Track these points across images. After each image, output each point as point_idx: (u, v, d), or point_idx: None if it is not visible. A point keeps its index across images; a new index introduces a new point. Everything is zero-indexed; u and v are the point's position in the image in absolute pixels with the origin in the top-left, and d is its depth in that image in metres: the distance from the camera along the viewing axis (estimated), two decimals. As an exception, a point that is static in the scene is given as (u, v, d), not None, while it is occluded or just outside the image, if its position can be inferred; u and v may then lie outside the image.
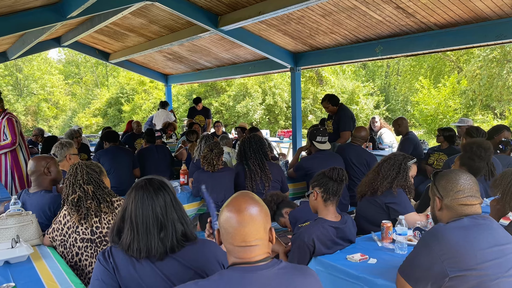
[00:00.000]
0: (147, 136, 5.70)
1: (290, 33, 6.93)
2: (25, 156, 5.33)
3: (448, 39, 5.47)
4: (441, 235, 1.74)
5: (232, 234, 1.34)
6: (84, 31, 8.07)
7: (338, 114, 5.69)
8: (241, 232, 1.33)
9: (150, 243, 1.60)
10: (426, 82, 16.96)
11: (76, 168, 2.44)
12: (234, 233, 1.34)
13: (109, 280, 1.57)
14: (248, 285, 1.29)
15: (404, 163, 2.98)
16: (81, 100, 33.00)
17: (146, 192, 1.65)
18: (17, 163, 5.26)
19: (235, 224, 1.34)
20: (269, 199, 3.27)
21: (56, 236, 2.41)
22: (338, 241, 2.45)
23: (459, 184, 1.87)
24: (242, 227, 1.33)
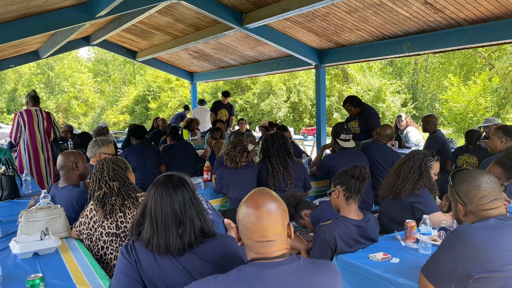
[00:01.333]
0: (171, 133, 5.77)
1: (315, 30, 6.89)
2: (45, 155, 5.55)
3: (478, 35, 5.31)
4: (466, 236, 1.71)
5: (251, 230, 1.35)
6: (112, 30, 8.25)
7: (363, 114, 5.62)
8: (259, 227, 1.34)
9: (168, 238, 1.63)
10: (456, 79, 16.50)
11: (102, 165, 2.50)
12: (253, 228, 1.35)
13: (131, 273, 1.60)
14: (266, 280, 1.30)
15: (424, 163, 2.89)
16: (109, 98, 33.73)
17: (165, 188, 1.68)
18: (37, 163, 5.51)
19: (254, 219, 1.35)
20: (286, 202, 3.23)
21: (83, 229, 2.48)
22: (360, 240, 2.43)
23: (481, 190, 1.81)
24: (260, 222, 1.35)
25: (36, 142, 5.57)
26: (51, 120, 5.74)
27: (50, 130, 5.71)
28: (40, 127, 5.58)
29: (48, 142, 5.66)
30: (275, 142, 4.08)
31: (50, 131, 5.72)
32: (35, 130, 5.55)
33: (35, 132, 5.55)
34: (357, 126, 5.63)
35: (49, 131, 5.70)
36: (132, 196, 2.49)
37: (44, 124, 5.62)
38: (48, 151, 5.66)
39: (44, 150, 5.61)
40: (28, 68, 29.89)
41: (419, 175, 2.87)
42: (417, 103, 21.10)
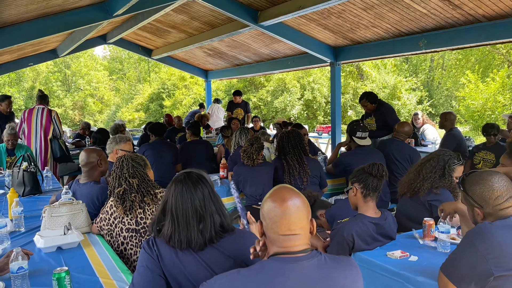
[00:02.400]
0: (193, 128, 5.77)
1: (331, 27, 6.86)
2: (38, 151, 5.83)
3: (498, 32, 5.22)
4: (487, 234, 1.70)
5: (278, 224, 1.38)
6: (128, 28, 8.35)
7: (379, 110, 5.57)
8: (286, 220, 1.37)
9: (190, 234, 1.66)
10: (474, 76, 16.24)
11: (122, 162, 2.55)
12: (280, 222, 1.38)
13: (153, 267, 1.64)
14: (288, 275, 1.32)
15: (448, 165, 2.86)
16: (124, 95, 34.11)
17: (185, 185, 1.70)
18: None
19: (281, 213, 1.38)
20: None
21: (104, 225, 2.53)
22: (377, 237, 2.43)
23: (495, 190, 1.80)
24: (287, 216, 1.37)
25: (30, 138, 5.82)
26: (51, 118, 5.90)
27: (48, 127, 5.87)
28: (37, 124, 5.81)
29: (44, 139, 5.85)
30: (290, 140, 4.09)
31: (49, 129, 5.87)
32: (32, 126, 5.82)
33: (31, 129, 5.82)
34: (373, 123, 5.58)
35: (47, 128, 5.86)
36: (151, 192, 2.54)
37: (42, 121, 5.79)
38: (42, 147, 5.82)
39: (37, 147, 5.80)
40: (45, 67, 30.40)
41: (440, 175, 2.84)
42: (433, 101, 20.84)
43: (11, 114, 6.50)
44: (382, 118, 5.47)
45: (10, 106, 6.42)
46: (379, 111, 5.55)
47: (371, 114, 5.67)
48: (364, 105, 5.62)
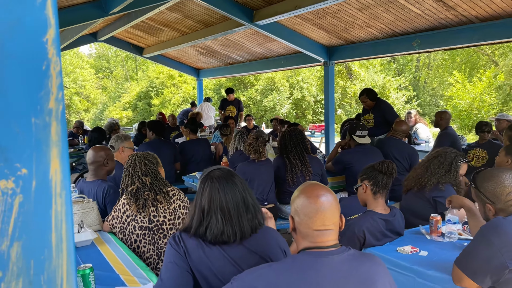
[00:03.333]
0: (191, 125, 5.74)
1: (325, 27, 6.92)
2: None
3: (490, 32, 5.35)
4: (501, 228, 1.76)
5: (313, 219, 1.42)
6: (120, 26, 8.28)
7: (378, 107, 5.65)
8: (321, 216, 1.41)
9: (243, 225, 1.68)
10: (461, 76, 16.53)
11: (134, 160, 2.55)
12: (315, 217, 1.41)
13: (181, 263, 1.66)
14: (320, 268, 1.36)
15: (455, 162, 2.97)
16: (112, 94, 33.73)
17: (225, 180, 1.72)
18: None
19: (316, 209, 1.41)
20: None
21: (116, 223, 2.53)
22: (387, 233, 2.48)
23: (507, 186, 1.88)
24: (322, 211, 1.41)
25: None
26: None
27: None
28: None
29: None
30: (292, 138, 4.13)
31: None
32: None
33: None
34: (371, 119, 5.67)
35: None
36: (164, 190, 2.55)
37: None
38: None
39: None
40: (30, 64, 29.84)
41: (446, 171, 2.93)
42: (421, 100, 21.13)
43: None
44: (381, 114, 5.56)
45: None
46: (378, 108, 5.64)
47: (369, 111, 5.75)
48: (363, 101, 5.69)
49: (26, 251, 0.52)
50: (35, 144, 0.51)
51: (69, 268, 0.55)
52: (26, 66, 0.50)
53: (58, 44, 0.52)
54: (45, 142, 0.52)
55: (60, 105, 0.53)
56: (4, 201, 0.50)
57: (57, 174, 0.53)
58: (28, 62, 0.50)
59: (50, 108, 0.52)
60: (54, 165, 0.53)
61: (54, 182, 0.53)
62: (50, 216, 0.53)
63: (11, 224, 0.51)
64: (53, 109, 0.52)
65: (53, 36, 0.51)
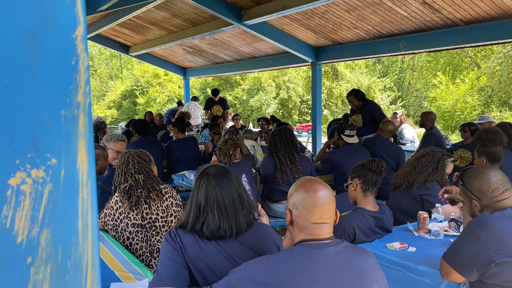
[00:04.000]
0: (179, 123, 5.73)
1: (313, 27, 6.99)
2: None
3: (474, 35, 5.49)
4: (488, 224, 1.83)
5: (312, 212, 1.46)
6: (107, 24, 8.22)
7: (366, 108, 5.74)
8: (319, 209, 1.46)
9: (239, 220, 1.72)
10: (444, 78, 16.84)
11: (128, 157, 2.56)
12: (314, 210, 1.46)
13: (177, 258, 1.68)
14: (317, 259, 1.40)
15: (442, 161, 3.06)
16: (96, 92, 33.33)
17: (221, 176, 1.75)
18: None
19: (315, 202, 1.46)
20: None
21: (108, 220, 2.53)
22: (376, 230, 2.54)
23: (492, 183, 1.95)
24: (321, 205, 1.46)
25: None
26: None
27: None
28: None
29: None
30: (282, 137, 4.17)
31: None
32: None
33: None
34: (360, 119, 5.76)
35: None
36: (157, 188, 2.56)
37: None
38: None
39: None
40: (12, 62, 29.31)
41: (433, 169, 3.02)
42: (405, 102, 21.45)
43: None
44: (369, 114, 5.65)
45: None
46: (366, 108, 5.73)
47: (357, 111, 5.84)
48: (351, 101, 5.78)
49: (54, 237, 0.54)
50: (64, 136, 0.53)
51: (94, 254, 0.58)
52: (57, 61, 0.52)
53: (86, 41, 0.55)
54: (74, 134, 0.54)
55: (88, 98, 0.55)
56: (35, 189, 0.52)
57: (84, 164, 0.56)
58: (59, 58, 0.52)
59: (78, 101, 0.54)
60: (81, 155, 0.55)
61: (81, 172, 0.56)
62: (77, 204, 0.55)
63: (41, 211, 0.53)
64: (81, 102, 0.55)
65: (82, 33, 0.54)
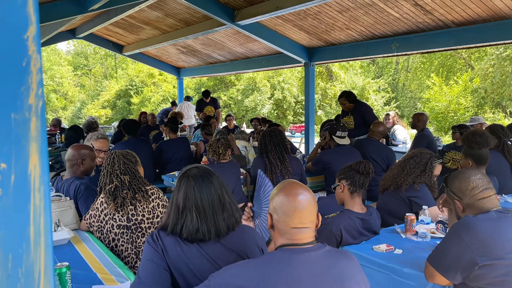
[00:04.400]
0: (171, 123, 5.70)
1: (306, 28, 6.99)
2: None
3: (465, 37, 5.50)
4: (471, 226, 1.83)
5: (291, 217, 1.44)
6: (100, 23, 8.17)
7: (358, 109, 5.75)
8: (299, 213, 1.44)
9: (218, 223, 1.69)
10: (438, 79, 16.91)
11: (113, 158, 2.53)
12: (293, 215, 1.44)
13: (159, 261, 1.66)
14: (297, 264, 1.38)
15: (430, 162, 3.06)
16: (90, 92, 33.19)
17: (201, 178, 1.73)
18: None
19: (295, 207, 1.44)
20: None
21: (94, 222, 2.51)
22: (363, 232, 2.54)
23: (471, 181, 1.97)
24: (301, 209, 1.44)
25: None
26: None
27: None
28: None
29: None
30: (272, 138, 4.16)
31: None
32: None
33: None
34: (351, 121, 5.76)
35: None
36: (142, 189, 2.54)
37: None
38: None
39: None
40: (5, 60, 29.10)
41: (421, 171, 3.02)
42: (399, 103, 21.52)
43: None
44: (360, 116, 5.66)
45: None
46: (357, 110, 5.73)
47: (348, 113, 5.83)
48: (342, 103, 5.77)
49: (4, 244, 0.52)
50: (15, 139, 0.52)
51: (47, 262, 0.56)
52: (6, 63, 0.51)
53: (39, 42, 0.53)
54: (25, 137, 0.53)
55: (40, 101, 0.54)
56: (-17, 195, 0.51)
57: (36, 169, 0.54)
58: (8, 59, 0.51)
59: (30, 104, 0.53)
60: (33, 160, 0.54)
61: (33, 177, 0.54)
62: (28, 210, 0.54)
63: (-10, 218, 0.51)
64: (33, 104, 0.53)
65: (33, 33, 0.52)
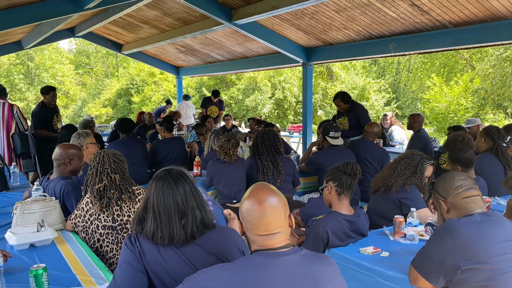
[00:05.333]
0: (166, 123, 5.67)
1: (303, 28, 6.96)
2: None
3: (462, 37, 5.46)
4: (455, 229, 1.80)
5: (256, 225, 1.41)
6: (98, 22, 8.15)
7: (353, 111, 5.72)
8: (264, 222, 1.40)
9: (172, 230, 1.66)
10: (438, 79, 16.85)
11: (103, 157, 2.50)
12: (258, 224, 1.41)
13: (136, 263, 1.64)
14: (272, 269, 1.36)
15: (421, 164, 3.02)
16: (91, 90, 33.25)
17: (166, 182, 1.71)
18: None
19: (259, 215, 1.41)
20: None
21: (79, 222, 2.49)
22: (351, 234, 2.51)
23: (455, 181, 1.96)
24: (265, 217, 1.40)
25: None
26: (13, 113, 5.71)
27: (11, 123, 5.71)
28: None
29: (7, 135, 5.69)
30: (265, 141, 4.12)
31: (11, 124, 5.72)
32: None
33: None
34: (346, 122, 5.73)
35: (9, 124, 5.71)
36: (129, 190, 2.51)
37: (4, 116, 5.60)
38: (4, 143, 5.67)
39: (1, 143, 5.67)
40: (7, 58, 29.18)
41: (412, 172, 2.99)
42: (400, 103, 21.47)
43: (55, 107, 6.20)
44: (355, 117, 5.63)
45: (54, 98, 6.11)
46: (352, 111, 5.70)
47: (344, 114, 5.80)
48: (337, 104, 5.74)
49: None
50: None
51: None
52: None
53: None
54: None
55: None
56: None
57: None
58: None
59: None
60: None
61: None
62: None
63: None
64: None
65: None
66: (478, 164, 3.57)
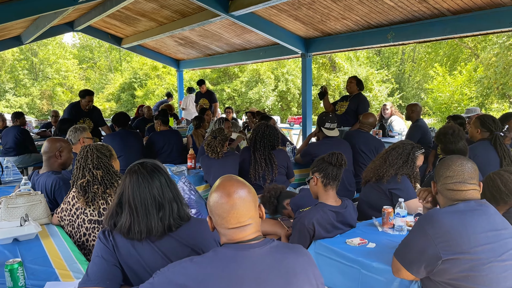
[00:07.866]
0: (162, 116, 5.66)
1: (301, 18, 6.88)
2: None
3: (461, 25, 5.37)
4: (436, 219, 1.77)
5: (227, 218, 1.38)
6: (96, 15, 8.12)
7: (358, 97, 5.76)
8: (234, 214, 1.38)
9: (150, 223, 1.65)
10: (442, 69, 16.64)
11: (86, 152, 2.48)
12: (228, 217, 1.38)
13: (109, 257, 1.62)
14: (241, 262, 1.34)
15: (412, 153, 2.99)
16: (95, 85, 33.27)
17: (140, 175, 1.69)
18: None
19: (228, 208, 1.38)
20: (268, 195, 3.31)
21: (65, 216, 2.48)
22: (338, 225, 2.48)
23: (449, 170, 1.89)
24: (235, 210, 1.38)
25: None
26: None
27: None
28: None
29: None
30: (264, 138, 4.06)
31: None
32: None
33: None
34: (345, 106, 5.76)
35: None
36: (115, 185, 2.49)
37: None
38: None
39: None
40: (11, 54, 29.27)
41: (404, 162, 2.96)
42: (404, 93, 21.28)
43: (90, 111, 6.15)
44: (355, 105, 5.68)
45: (90, 103, 6.09)
46: (356, 98, 5.75)
47: (347, 98, 5.83)
48: (350, 82, 5.82)
49: None
50: None
51: None
52: None
53: None
54: None
55: None
56: None
57: None
58: None
59: None
60: None
61: None
62: None
63: None
64: None
65: None
66: (472, 152, 3.52)
